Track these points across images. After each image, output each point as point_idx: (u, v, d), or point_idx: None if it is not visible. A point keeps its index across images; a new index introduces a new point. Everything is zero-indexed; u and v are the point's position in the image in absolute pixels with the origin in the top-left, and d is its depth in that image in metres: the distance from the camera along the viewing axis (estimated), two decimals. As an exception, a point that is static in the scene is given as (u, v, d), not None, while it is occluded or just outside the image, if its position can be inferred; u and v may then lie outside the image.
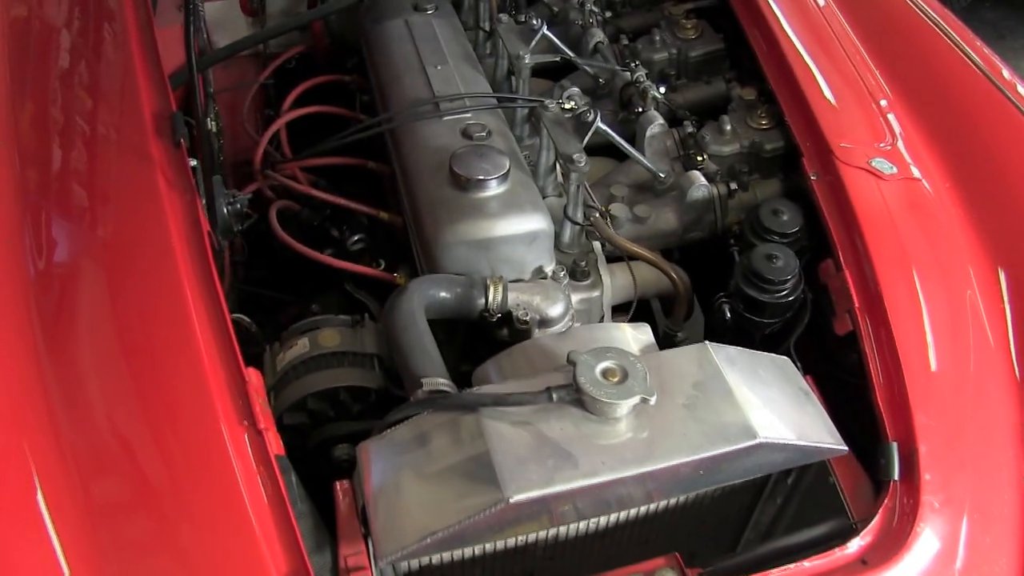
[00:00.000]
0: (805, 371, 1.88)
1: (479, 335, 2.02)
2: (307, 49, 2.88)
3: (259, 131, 2.91)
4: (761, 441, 1.57)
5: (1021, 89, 2.32)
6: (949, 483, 1.74)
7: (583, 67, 2.48)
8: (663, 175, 2.27)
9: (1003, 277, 1.99)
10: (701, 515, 1.84)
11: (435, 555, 1.60)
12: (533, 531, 1.63)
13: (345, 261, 2.23)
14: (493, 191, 2.00)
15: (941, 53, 2.47)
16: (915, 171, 2.13)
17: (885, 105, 2.27)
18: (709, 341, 1.73)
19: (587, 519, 1.65)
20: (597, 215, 2.11)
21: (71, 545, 1.43)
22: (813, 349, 2.04)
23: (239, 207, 2.18)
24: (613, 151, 2.32)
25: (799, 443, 1.64)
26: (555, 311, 1.97)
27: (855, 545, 1.63)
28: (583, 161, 2.01)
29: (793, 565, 1.59)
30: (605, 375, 1.57)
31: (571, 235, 2.14)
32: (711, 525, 1.91)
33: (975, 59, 2.41)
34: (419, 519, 1.49)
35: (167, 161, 1.95)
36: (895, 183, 2.08)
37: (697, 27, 2.62)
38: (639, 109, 2.35)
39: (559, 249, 2.13)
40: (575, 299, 2.08)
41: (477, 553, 1.64)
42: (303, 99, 2.71)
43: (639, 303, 2.18)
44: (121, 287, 1.73)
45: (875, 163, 2.09)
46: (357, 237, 2.32)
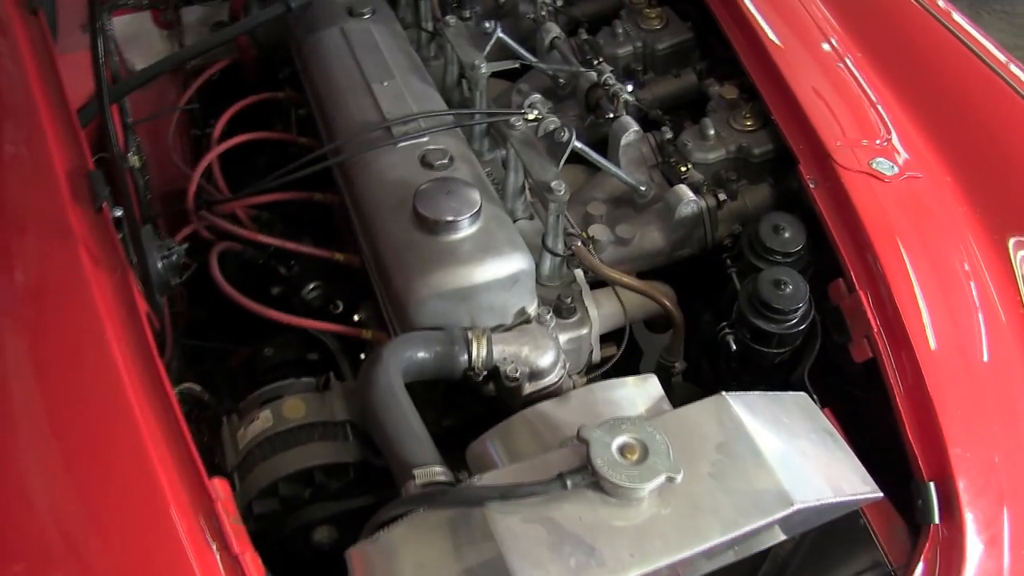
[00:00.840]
0: (821, 402, 1.73)
1: (460, 386, 1.82)
2: (233, 61, 2.61)
3: (187, 156, 2.65)
4: (798, 507, 1.41)
5: (1014, 68, 2.17)
6: (991, 520, 1.62)
7: (545, 70, 2.26)
8: (643, 188, 2.07)
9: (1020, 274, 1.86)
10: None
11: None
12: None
13: (300, 317, 1.99)
14: (465, 232, 1.78)
15: (924, 30, 2.31)
16: (915, 168, 1.96)
17: (873, 95, 2.10)
18: (724, 392, 1.56)
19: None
20: (579, 243, 1.91)
21: None
22: (825, 372, 1.88)
23: (175, 259, 1.95)
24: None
25: (836, 500, 1.49)
26: (546, 360, 1.78)
27: (899, 595, 1.49)
28: (562, 190, 1.80)
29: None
30: (623, 452, 1.39)
31: (552, 267, 1.94)
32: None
33: (960, 36, 2.25)
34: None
35: (89, 232, 1.70)
36: (898, 184, 1.91)
37: (662, 16, 2.40)
38: (610, 114, 2.14)
39: (539, 283, 1.93)
40: (563, 339, 1.88)
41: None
42: (234, 120, 2.46)
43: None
44: (54, 402, 1.49)
45: (875, 164, 1.92)
46: (312, 286, 2.09)
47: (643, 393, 1.63)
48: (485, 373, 1.73)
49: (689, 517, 1.39)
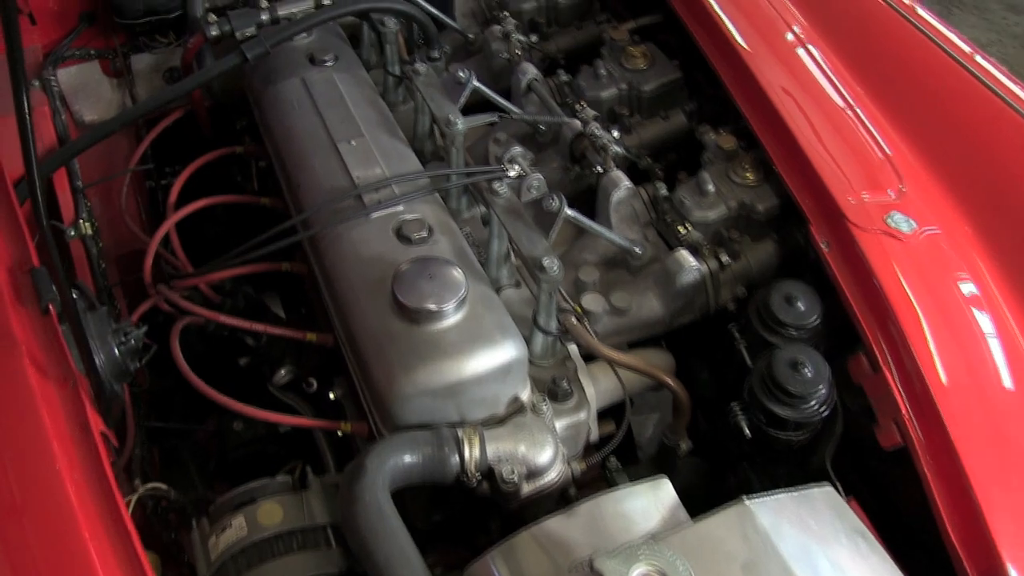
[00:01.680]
0: (846, 490, 1.58)
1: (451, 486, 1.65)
2: (186, 112, 2.42)
3: (142, 214, 2.47)
4: (835, 633, 1.27)
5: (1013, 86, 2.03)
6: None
7: (526, 120, 2.09)
8: (638, 250, 1.91)
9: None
10: None
11: None
12: None
13: (268, 411, 1.81)
14: (450, 320, 1.62)
15: (924, 57, 2.15)
16: (932, 220, 1.81)
17: (878, 135, 1.94)
18: (746, 497, 1.41)
19: None
20: (573, 320, 1.75)
21: None
22: (846, 448, 1.74)
23: (133, 343, 1.79)
24: None
25: (874, 617, 1.35)
26: (544, 457, 1.62)
27: None
28: (555, 268, 1.64)
29: None
30: (642, 583, 1.24)
31: (544, 345, 1.78)
32: None
33: (965, 64, 2.10)
34: None
35: (34, 337, 1.52)
36: (917, 242, 1.76)
37: (647, 54, 2.23)
38: (598, 168, 1.98)
39: (531, 361, 1.77)
40: (560, 425, 1.72)
41: None
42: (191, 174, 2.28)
43: None
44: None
45: (891, 221, 1.77)
46: (284, 371, 1.92)
47: (656, 503, 1.47)
48: (479, 476, 1.57)
49: (717, 655, 1.25)
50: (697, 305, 1.89)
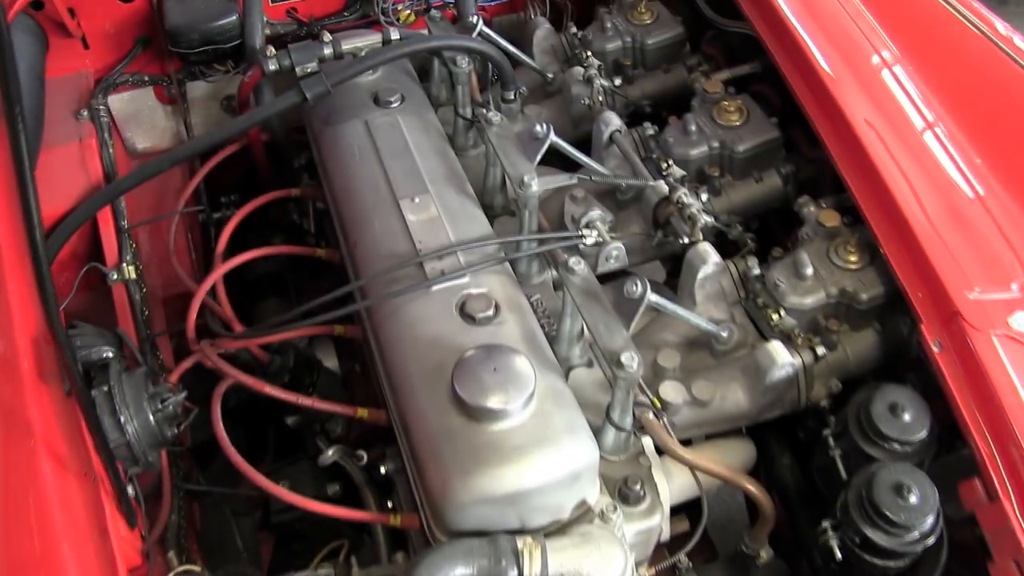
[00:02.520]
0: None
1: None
2: (243, 146, 2.29)
3: (191, 251, 2.34)
4: None
5: None
6: None
7: (609, 180, 1.91)
8: (725, 334, 1.73)
9: None
10: None
11: None
12: None
13: (312, 499, 1.67)
14: (515, 420, 1.45)
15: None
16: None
17: (1003, 221, 1.73)
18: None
19: None
20: (650, 415, 1.58)
21: None
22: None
23: (171, 409, 1.66)
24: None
25: None
26: (612, 574, 1.45)
27: None
28: (634, 365, 1.47)
29: None
30: None
31: (616, 440, 1.62)
32: None
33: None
34: None
35: (54, 424, 1.39)
36: (1045, 349, 1.56)
37: (742, 110, 2.03)
38: (684, 238, 1.80)
39: (601, 455, 1.60)
40: (630, 532, 1.56)
41: None
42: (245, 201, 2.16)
43: None
44: None
45: (1015, 322, 1.57)
46: (331, 451, 1.77)
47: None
48: (538, 594, 1.41)
49: None
50: (787, 400, 1.71)
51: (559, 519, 1.50)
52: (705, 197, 1.93)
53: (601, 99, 2.12)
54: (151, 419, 1.63)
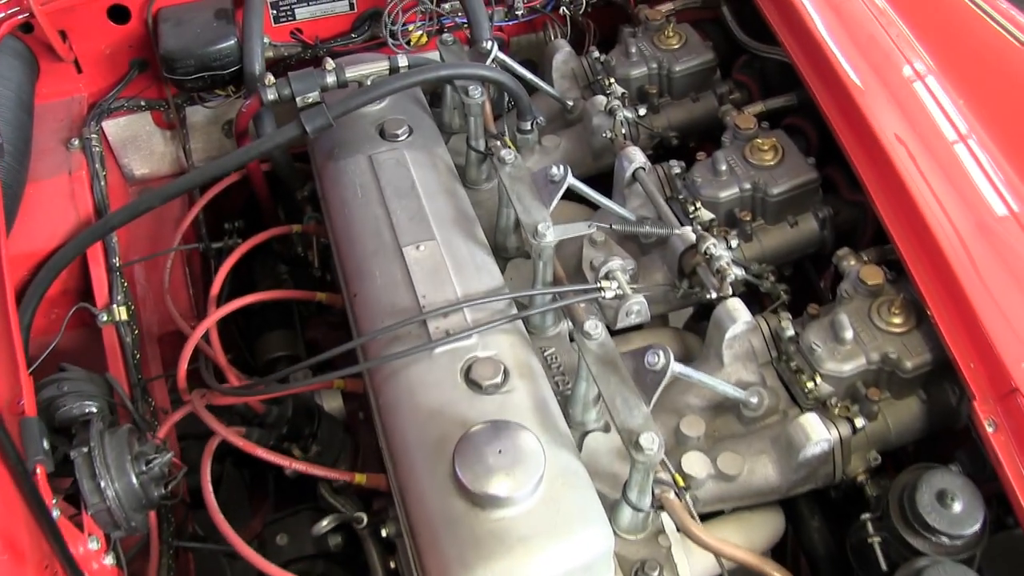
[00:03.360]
0: None
1: None
2: (242, 176, 2.16)
3: (189, 286, 2.22)
4: None
5: None
6: None
7: (631, 229, 1.76)
8: (755, 400, 1.59)
9: None
10: None
11: None
12: None
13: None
14: (522, 506, 1.32)
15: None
16: None
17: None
18: None
19: None
20: (671, 495, 1.44)
21: None
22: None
23: (157, 470, 1.55)
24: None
25: None
26: (625, 674, 1.32)
27: None
28: (655, 447, 1.33)
29: None
30: None
31: (633, 519, 1.47)
32: None
33: None
34: None
35: (10, 507, 1.27)
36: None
37: (777, 148, 1.87)
38: (712, 293, 1.65)
39: (617, 534, 1.46)
40: (647, 620, 1.42)
41: None
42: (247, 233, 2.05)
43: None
44: None
45: (1079, 400, 1.41)
46: (326, 521, 1.65)
47: None
48: None
49: None
50: (820, 475, 1.56)
51: (569, 604, 1.36)
52: (735, 243, 1.79)
53: (624, 132, 1.97)
54: (134, 481, 1.54)
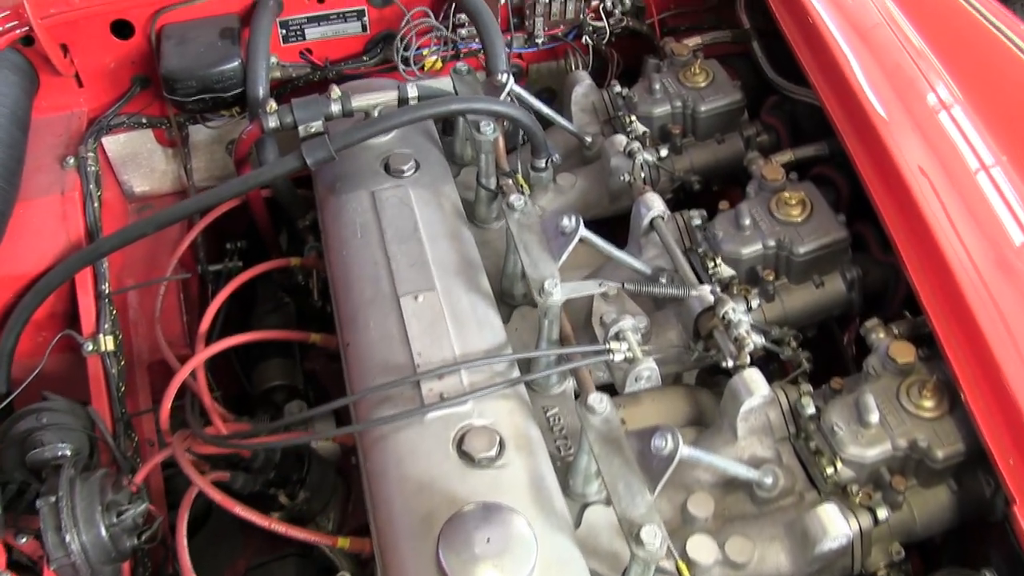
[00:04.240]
0: None
1: None
2: (242, 202, 2.07)
3: (183, 313, 2.12)
4: None
5: None
6: None
7: (645, 291, 1.64)
8: (769, 480, 1.47)
9: None
10: None
11: None
12: None
13: None
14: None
15: None
16: None
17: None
18: None
19: None
20: (677, 582, 1.33)
21: None
22: None
23: (130, 522, 1.51)
24: None
25: None
26: None
27: None
28: (656, 542, 1.22)
29: None
30: None
31: (633, 604, 1.37)
32: None
33: None
34: None
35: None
36: None
37: (805, 203, 1.75)
38: (729, 361, 1.54)
39: None
40: None
41: None
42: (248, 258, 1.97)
43: None
44: None
45: None
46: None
47: None
48: None
49: None
50: (837, 567, 1.45)
51: None
52: (756, 303, 1.67)
53: (644, 175, 1.86)
54: (103, 533, 1.49)
